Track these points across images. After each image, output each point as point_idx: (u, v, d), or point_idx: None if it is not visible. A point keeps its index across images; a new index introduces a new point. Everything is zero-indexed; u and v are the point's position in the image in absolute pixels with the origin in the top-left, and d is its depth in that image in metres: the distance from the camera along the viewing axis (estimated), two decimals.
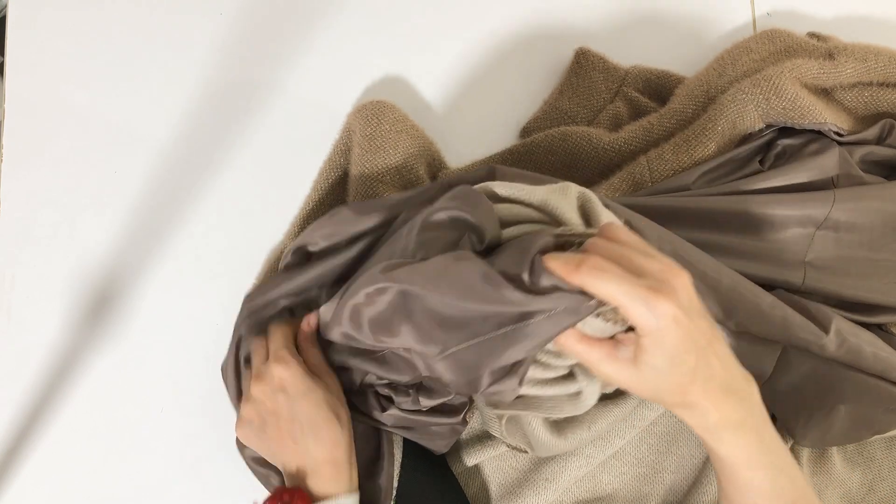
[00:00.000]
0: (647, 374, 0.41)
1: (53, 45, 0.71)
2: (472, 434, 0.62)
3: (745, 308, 0.54)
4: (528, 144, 0.69)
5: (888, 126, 0.66)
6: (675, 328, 0.39)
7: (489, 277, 0.43)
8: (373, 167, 0.64)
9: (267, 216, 0.69)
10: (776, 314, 0.52)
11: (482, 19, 0.73)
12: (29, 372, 0.66)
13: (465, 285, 0.43)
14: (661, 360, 0.40)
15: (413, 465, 0.57)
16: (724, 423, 0.43)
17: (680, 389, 0.41)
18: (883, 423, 0.59)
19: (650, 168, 0.64)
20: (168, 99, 0.70)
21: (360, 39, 0.73)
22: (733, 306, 0.54)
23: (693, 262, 0.52)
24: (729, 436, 0.43)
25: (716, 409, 0.42)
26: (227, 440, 0.64)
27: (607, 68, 0.71)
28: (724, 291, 0.52)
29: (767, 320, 0.55)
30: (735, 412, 0.43)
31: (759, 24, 0.75)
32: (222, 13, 0.72)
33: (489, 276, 0.43)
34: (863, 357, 0.55)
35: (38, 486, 0.66)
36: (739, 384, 0.43)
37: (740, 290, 0.52)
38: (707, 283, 0.51)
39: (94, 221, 0.69)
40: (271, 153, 0.70)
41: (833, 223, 0.60)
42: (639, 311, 0.39)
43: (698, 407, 0.42)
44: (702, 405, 0.42)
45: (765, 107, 0.63)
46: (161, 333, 0.67)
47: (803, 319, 0.53)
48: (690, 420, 0.43)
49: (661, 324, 0.39)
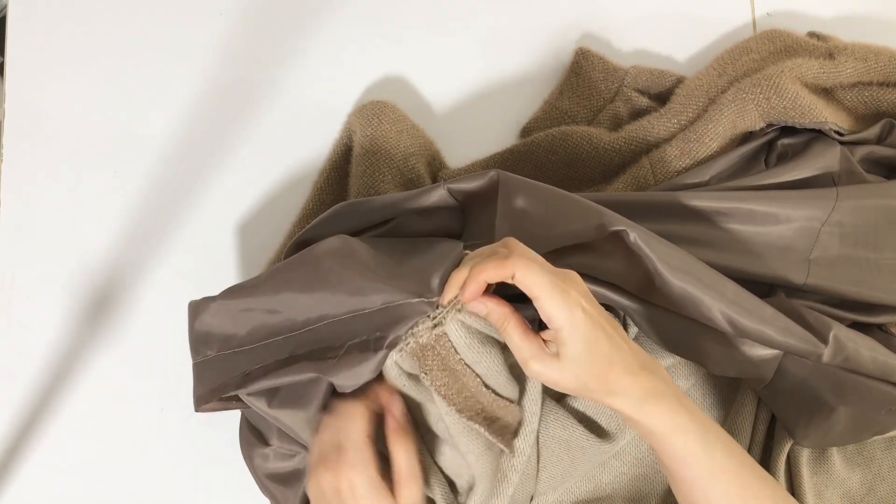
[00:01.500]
0: (570, 367, 0.45)
1: (53, 45, 0.71)
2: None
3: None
4: (528, 144, 0.69)
5: (888, 126, 0.66)
6: (584, 316, 0.44)
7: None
8: (373, 167, 0.64)
9: (267, 216, 0.69)
10: (777, 325, 0.52)
11: (482, 19, 0.74)
12: (29, 372, 0.66)
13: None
14: (579, 348, 0.44)
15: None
16: (646, 395, 0.46)
17: (602, 376, 0.45)
18: (883, 424, 0.59)
19: (653, 170, 0.64)
20: (168, 99, 0.70)
21: (360, 39, 0.73)
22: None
23: (699, 276, 0.52)
24: (652, 406, 0.46)
25: (637, 385, 0.46)
26: (227, 440, 0.64)
27: (607, 68, 0.71)
28: (727, 303, 0.53)
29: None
30: (654, 384, 0.46)
31: (759, 24, 0.75)
32: (222, 13, 0.72)
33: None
34: (861, 363, 0.55)
35: (38, 485, 0.66)
36: (649, 361, 0.47)
37: (742, 301, 0.53)
38: (711, 295, 0.52)
39: (94, 221, 0.69)
40: (271, 153, 0.70)
41: (837, 220, 0.60)
42: (555, 301, 0.43)
43: (620, 387, 0.46)
44: (623, 384, 0.45)
45: (765, 106, 0.63)
46: (161, 333, 0.67)
47: (803, 331, 0.53)
48: (618, 404, 0.46)
49: (573, 313, 0.43)
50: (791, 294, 0.60)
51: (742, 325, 0.53)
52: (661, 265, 0.52)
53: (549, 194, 0.55)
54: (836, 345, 0.53)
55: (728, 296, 0.53)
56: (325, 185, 0.68)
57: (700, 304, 0.52)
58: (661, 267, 0.52)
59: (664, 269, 0.52)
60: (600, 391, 0.46)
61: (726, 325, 0.53)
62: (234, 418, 0.60)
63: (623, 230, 0.51)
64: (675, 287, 0.52)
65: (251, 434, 0.57)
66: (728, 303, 0.52)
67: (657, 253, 0.52)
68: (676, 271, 0.52)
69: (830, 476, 0.62)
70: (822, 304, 0.61)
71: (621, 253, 0.53)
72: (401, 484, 0.47)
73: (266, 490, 0.58)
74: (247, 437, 0.58)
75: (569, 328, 0.44)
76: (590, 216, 0.53)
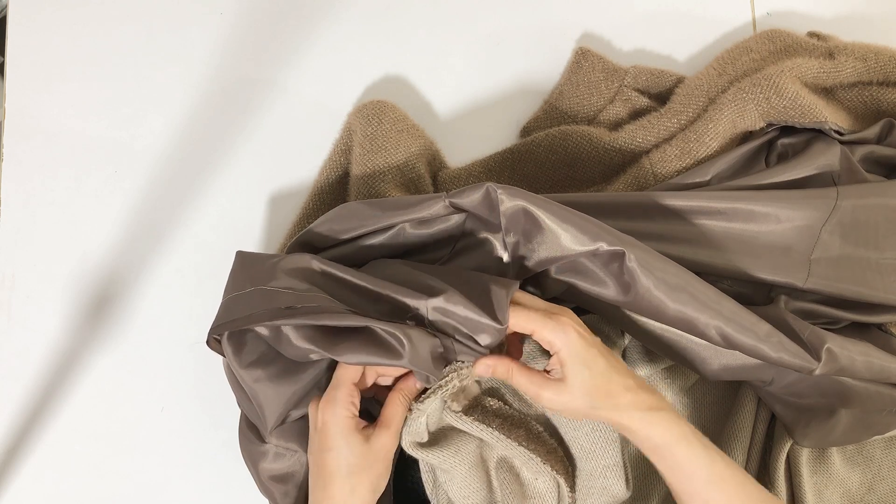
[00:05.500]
0: (575, 385, 0.49)
1: (53, 45, 0.71)
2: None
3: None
4: (528, 144, 0.69)
5: (888, 125, 0.66)
6: (578, 336, 0.49)
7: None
8: (374, 166, 0.64)
9: (267, 216, 0.69)
10: (772, 341, 0.53)
11: (482, 19, 0.74)
12: (29, 372, 0.66)
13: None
14: (580, 367, 0.49)
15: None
16: (648, 408, 0.50)
17: (605, 390, 0.49)
18: (883, 425, 0.59)
19: (654, 170, 0.64)
20: (168, 99, 0.70)
21: (361, 39, 0.73)
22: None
23: (696, 294, 0.53)
24: (656, 419, 0.50)
25: (638, 399, 0.50)
26: (227, 440, 0.64)
27: (607, 68, 0.71)
28: (723, 321, 0.53)
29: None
30: (652, 399, 0.50)
31: (759, 24, 0.75)
32: (222, 13, 0.72)
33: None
34: (856, 371, 0.56)
35: (38, 485, 0.66)
36: (642, 381, 0.52)
37: (738, 319, 0.53)
38: (707, 314, 0.53)
39: (94, 221, 0.69)
40: (271, 153, 0.70)
41: (838, 220, 0.60)
42: (549, 327, 0.49)
43: (624, 402, 0.50)
44: (626, 399, 0.50)
45: (765, 106, 0.63)
46: (161, 333, 0.67)
47: (797, 347, 0.53)
48: (626, 420, 0.50)
49: (568, 334, 0.49)
50: (791, 295, 0.60)
51: (737, 341, 0.53)
52: (659, 288, 0.52)
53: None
54: (829, 359, 0.54)
55: (724, 313, 0.53)
56: (325, 184, 0.68)
57: (696, 323, 0.53)
58: (658, 293, 0.52)
59: (662, 292, 0.52)
60: (607, 407, 0.50)
61: (720, 340, 0.53)
62: (234, 418, 0.60)
63: (622, 251, 0.52)
64: (671, 310, 0.53)
65: (250, 432, 0.57)
66: (725, 320, 0.53)
67: (655, 274, 0.52)
68: (674, 290, 0.52)
69: (830, 475, 0.62)
70: (821, 304, 0.61)
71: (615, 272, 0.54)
72: (377, 427, 0.52)
73: (265, 489, 0.58)
74: (246, 435, 0.58)
75: (567, 347, 0.49)
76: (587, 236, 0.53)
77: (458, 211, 0.56)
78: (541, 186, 0.69)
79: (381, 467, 0.52)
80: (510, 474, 0.57)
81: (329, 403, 0.51)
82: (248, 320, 0.51)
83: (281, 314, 0.50)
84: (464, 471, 0.56)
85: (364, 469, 0.51)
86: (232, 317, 0.53)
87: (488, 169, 0.69)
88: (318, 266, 0.54)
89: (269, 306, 0.51)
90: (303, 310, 0.50)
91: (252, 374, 0.54)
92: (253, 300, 0.52)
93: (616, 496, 0.57)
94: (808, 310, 0.60)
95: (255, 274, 0.54)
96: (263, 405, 0.54)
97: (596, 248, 0.52)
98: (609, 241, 0.52)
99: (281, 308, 0.51)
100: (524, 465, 0.56)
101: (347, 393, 0.51)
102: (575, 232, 0.52)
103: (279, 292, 0.52)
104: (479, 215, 0.56)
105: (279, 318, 0.50)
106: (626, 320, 0.57)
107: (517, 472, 0.57)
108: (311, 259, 0.54)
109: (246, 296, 0.53)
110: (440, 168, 0.70)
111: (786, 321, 0.56)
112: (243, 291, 0.54)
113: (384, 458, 0.52)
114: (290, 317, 0.50)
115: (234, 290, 0.55)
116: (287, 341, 0.51)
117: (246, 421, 0.59)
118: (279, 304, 0.51)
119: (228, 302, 0.55)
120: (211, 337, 0.55)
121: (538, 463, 0.55)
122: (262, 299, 0.52)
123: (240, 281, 0.55)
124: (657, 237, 0.58)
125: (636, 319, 0.57)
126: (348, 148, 0.68)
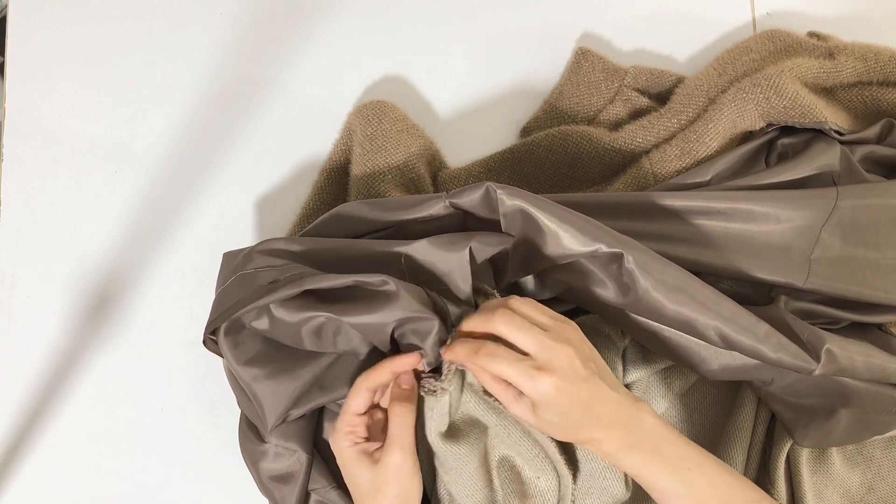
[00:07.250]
0: (544, 424, 0.49)
1: (53, 45, 0.71)
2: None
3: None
4: (528, 144, 0.69)
5: (888, 125, 0.66)
6: (558, 395, 0.47)
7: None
8: (374, 166, 0.64)
9: (267, 216, 0.69)
10: (771, 342, 0.53)
11: (482, 19, 0.74)
12: (29, 372, 0.66)
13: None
14: (552, 417, 0.48)
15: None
16: (617, 448, 0.49)
17: (574, 433, 0.49)
18: (882, 425, 0.59)
19: (653, 170, 0.64)
20: (168, 99, 0.70)
21: (361, 39, 0.73)
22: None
23: (695, 294, 0.53)
24: (625, 456, 0.50)
25: (608, 440, 0.49)
26: (227, 440, 0.64)
27: (607, 68, 0.71)
28: (722, 321, 0.53)
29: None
30: (625, 439, 0.49)
31: (759, 24, 0.75)
32: (222, 13, 0.72)
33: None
34: (856, 372, 0.56)
35: (38, 485, 0.66)
36: (626, 416, 0.50)
37: (737, 320, 0.53)
38: (706, 315, 0.53)
39: (94, 221, 0.69)
40: (271, 153, 0.70)
41: (838, 220, 0.60)
42: (526, 387, 0.47)
43: (593, 440, 0.49)
44: (595, 438, 0.49)
45: (765, 106, 0.63)
46: (161, 333, 0.67)
47: (796, 348, 0.53)
48: (592, 449, 0.50)
49: (546, 395, 0.47)
50: (791, 295, 0.60)
51: (735, 342, 0.53)
52: (657, 290, 0.52)
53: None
54: (829, 359, 0.54)
55: (723, 314, 0.53)
56: (325, 184, 0.68)
57: (695, 324, 0.53)
58: (657, 294, 0.52)
59: (660, 294, 0.52)
60: (575, 440, 0.51)
61: (719, 341, 0.53)
62: (234, 418, 0.60)
63: (621, 253, 0.52)
64: (669, 310, 0.53)
65: (250, 432, 0.58)
66: (724, 321, 0.53)
67: (653, 276, 0.52)
68: (672, 291, 0.52)
69: (830, 475, 0.62)
70: (821, 304, 0.61)
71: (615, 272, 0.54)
72: (386, 447, 0.51)
73: (265, 489, 0.58)
74: (246, 435, 0.58)
75: (542, 405, 0.48)
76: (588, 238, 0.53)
77: (457, 211, 0.56)
78: (541, 186, 0.69)
79: (396, 485, 0.50)
80: (511, 473, 0.57)
81: (332, 436, 0.52)
82: (238, 306, 0.51)
83: (265, 290, 0.51)
84: (471, 469, 0.56)
85: (377, 491, 0.51)
86: (222, 309, 0.53)
87: (488, 169, 0.69)
88: (286, 245, 0.56)
89: (252, 286, 0.52)
90: (285, 280, 0.51)
91: (250, 371, 0.54)
92: (237, 287, 0.53)
93: (616, 497, 0.57)
94: (808, 310, 0.60)
95: (236, 264, 0.55)
96: (262, 403, 0.54)
97: (595, 249, 0.52)
98: (608, 242, 0.52)
99: (264, 285, 0.51)
100: (526, 463, 0.56)
101: (345, 423, 0.51)
102: (574, 232, 0.52)
103: (259, 272, 0.53)
104: (478, 215, 0.56)
105: (265, 296, 0.50)
106: (626, 320, 0.57)
107: (518, 471, 0.57)
108: (280, 240, 0.56)
109: (230, 285, 0.54)
110: (440, 168, 0.70)
111: (785, 321, 0.56)
112: (227, 283, 0.55)
113: (396, 475, 0.50)
114: (274, 291, 0.50)
115: (220, 286, 0.56)
116: (282, 323, 0.51)
117: (246, 421, 0.59)
118: (262, 282, 0.52)
119: (217, 298, 0.55)
120: (207, 337, 0.55)
121: (555, 451, 0.55)
122: (245, 283, 0.53)
123: (224, 275, 0.56)
124: (657, 237, 0.58)
125: (636, 320, 0.57)
126: (348, 148, 0.68)
